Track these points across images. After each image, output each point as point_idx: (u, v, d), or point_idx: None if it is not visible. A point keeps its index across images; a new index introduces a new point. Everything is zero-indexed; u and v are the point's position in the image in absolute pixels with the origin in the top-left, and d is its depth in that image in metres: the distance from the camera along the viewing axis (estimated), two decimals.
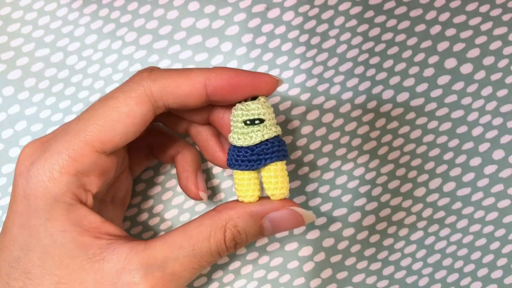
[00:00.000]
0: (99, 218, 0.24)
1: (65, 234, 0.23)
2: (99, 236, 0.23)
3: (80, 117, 0.24)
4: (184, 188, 0.29)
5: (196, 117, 0.27)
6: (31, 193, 0.23)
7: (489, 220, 0.32)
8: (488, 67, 0.32)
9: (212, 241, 0.23)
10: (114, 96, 0.23)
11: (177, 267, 0.23)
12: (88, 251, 0.23)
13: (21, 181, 0.23)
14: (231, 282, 0.32)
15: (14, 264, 0.23)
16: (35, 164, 0.23)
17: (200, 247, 0.23)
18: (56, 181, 0.22)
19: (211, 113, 0.26)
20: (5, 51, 0.32)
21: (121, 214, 0.30)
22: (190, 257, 0.23)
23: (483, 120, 0.32)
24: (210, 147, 0.28)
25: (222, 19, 0.33)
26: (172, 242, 0.23)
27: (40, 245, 0.22)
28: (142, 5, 0.33)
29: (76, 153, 0.23)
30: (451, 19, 0.32)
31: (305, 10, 0.32)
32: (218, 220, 0.24)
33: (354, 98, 0.32)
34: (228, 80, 0.24)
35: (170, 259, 0.23)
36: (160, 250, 0.23)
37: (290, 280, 0.32)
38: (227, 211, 0.24)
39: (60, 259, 0.22)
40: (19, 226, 0.23)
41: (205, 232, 0.24)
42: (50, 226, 0.22)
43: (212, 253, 0.24)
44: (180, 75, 0.24)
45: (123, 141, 0.24)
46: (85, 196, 0.24)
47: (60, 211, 0.23)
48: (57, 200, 0.23)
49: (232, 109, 0.24)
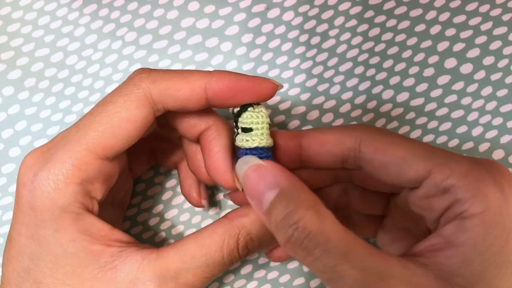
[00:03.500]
0: (107, 226, 0.23)
1: (75, 244, 0.22)
2: (110, 243, 0.23)
3: (79, 124, 0.23)
4: (186, 195, 0.29)
5: (188, 134, 0.26)
6: (37, 205, 0.22)
7: None
8: (488, 67, 0.32)
9: (225, 250, 0.23)
10: (113, 101, 0.23)
11: (190, 278, 0.23)
12: (99, 260, 0.22)
13: (25, 192, 0.23)
14: (231, 282, 0.32)
15: (24, 274, 0.22)
16: (38, 175, 0.22)
17: (213, 256, 0.23)
18: (61, 191, 0.22)
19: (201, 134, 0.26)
20: (5, 51, 0.32)
21: (121, 215, 0.30)
22: (203, 267, 0.23)
23: (483, 120, 0.32)
24: (197, 160, 0.27)
25: (222, 19, 0.33)
26: (184, 252, 0.23)
27: (50, 255, 0.22)
28: (142, 5, 0.33)
29: (80, 161, 0.22)
30: (451, 19, 0.32)
31: (305, 10, 0.32)
32: (231, 229, 0.23)
33: (354, 98, 0.32)
34: (228, 85, 0.23)
35: (183, 270, 0.23)
36: (173, 260, 0.23)
37: (290, 280, 0.32)
38: (239, 219, 0.24)
39: (72, 268, 0.22)
40: (27, 237, 0.22)
41: (218, 241, 0.23)
42: (59, 237, 0.22)
43: (225, 263, 0.23)
44: (180, 78, 0.23)
45: (125, 145, 0.23)
46: (91, 204, 0.23)
47: (68, 221, 0.22)
48: (64, 210, 0.22)
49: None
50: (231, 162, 0.25)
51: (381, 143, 0.24)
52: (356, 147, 0.24)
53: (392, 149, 0.23)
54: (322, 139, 0.25)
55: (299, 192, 0.21)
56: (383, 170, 0.24)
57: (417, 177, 0.23)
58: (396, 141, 0.24)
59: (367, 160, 0.24)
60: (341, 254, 0.19)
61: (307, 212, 0.20)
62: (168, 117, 0.26)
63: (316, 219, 0.20)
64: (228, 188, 0.25)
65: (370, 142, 0.24)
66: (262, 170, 0.22)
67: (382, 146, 0.24)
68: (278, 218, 0.20)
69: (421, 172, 0.23)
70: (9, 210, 0.32)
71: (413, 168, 0.23)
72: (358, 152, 0.24)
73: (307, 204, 0.20)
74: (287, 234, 0.20)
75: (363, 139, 0.24)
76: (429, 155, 0.23)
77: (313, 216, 0.20)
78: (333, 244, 0.19)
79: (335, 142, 0.25)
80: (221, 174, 0.25)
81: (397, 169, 0.23)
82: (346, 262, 0.19)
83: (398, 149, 0.23)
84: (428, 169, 0.22)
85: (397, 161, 0.23)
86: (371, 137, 0.24)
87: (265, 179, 0.21)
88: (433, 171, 0.22)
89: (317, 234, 0.19)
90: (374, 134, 0.24)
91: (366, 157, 0.24)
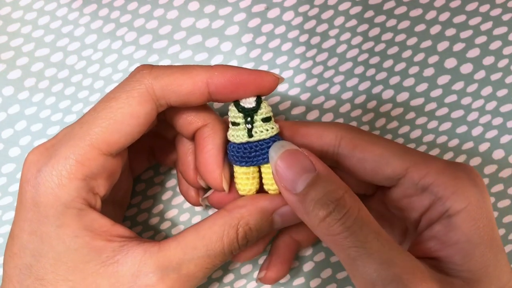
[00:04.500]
0: (109, 221, 0.24)
1: (78, 240, 0.22)
2: (111, 239, 0.23)
3: (83, 120, 0.24)
4: (184, 194, 0.29)
5: (185, 131, 0.26)
6: (40, 200, 0.22)
7: None
8: (488, 67, 0.32)
9: (225, 240, 0.24)
10: (116, 97, 0.23)
11: (191, 268, 0.23)
12: (101, 255, 0.23)
13: (29, 188, 0.23)
14: (231, 282, 0.32)
15: (26, 271, 0.22)
16: (42, 171, 0.23)
17: (213, 247, 0.23)
18: (65, 187, 0.22)
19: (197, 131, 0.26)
20: (5, 51, 0.32)
21: (121, 214, 0.30)
22: (204, 257, 0.23)
23: (483, 120, 0.32)
24: (187, 161, 0.27)
25: (222, 19, 0.33)
26: (185, 243, 0.23)
27: (52, 251, 0.22)
28: (142, 5, 0.33)
29: (83, 157, 0.23)
30: (451, 19, 0.32)
31: (305, 10, 0.32)
32: (230, 220, 0.24)
33: (354, 98, 0.32)
34: (230, 79, 0.24)
35: (185, 261, 0.23)
36: (175, 252, 0.23)
37: (290, 280, 0.32)
38: (238, 210, 0.24)
39: (74, 264, 0.22)
40: (29, 233, 0.23)
41: (218, 232, 0.24)
42: (62, 233, 0.22)
43: (225, 253, 0.24)
44: (182, 73, 0.24)
45: (129, 141, 0.24)
46: (94, 200, 0.24)
47: (71, 217, 0.22)
48: (67, 206, 0.22)
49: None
50: (222, 161, 0.25)
51: (360, 140, 0.25)
52: (335, 143, 0.25)
53: (370, 146, 0.25)
54: (304, 131, 0.26)
55: (334, 177, 0.22)
56: (361, 166, 0.25)
57: (394, 175, 0.24)
58: (374, 140, 0.25)
59: (345, 156, 0.25)
60: (374, 233, 0.21)
61: (346, 193, 0.22)
62: (166, 113, 0.26)
63: (353, 199, 0.22)
64: (214, 187, 0.26)
65: (349, 139, 0.25)
66: (299, 154, 0.23)
67: (360, 143, 0.25)
68: (317, 196, 0.21)
69: (398, 170, 0.24)
70: (9, 210, 0.32)
71: (391, 165, 0.24)
72: (337, 148, 0.25)
73: (344, 187, 0.22)
74: (328, 209, 0.21)
75: (343, 135, 0.25)
76: (406, 154, 0.24)
77: (351, 196, 0.22)
78: (367, 223, 0.21)
79: (315, 136, 0.26)
80: (210, 171, 0.25)
81: (375, 166, 0.24)
82: (378, 241, 0.21)
83: (376, 147, 0.25)
84: (405, 166, 0.24)
85: (375, 158, 0.24)
86: (351, 134, 0.25)
87: (301, 163, 0.22)
88: (410, 169, 0.24)
89: (355, 212, 0.21)
90: (353, 132, 0.25)
91: (345, 152, 0.25)
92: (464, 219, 0.22)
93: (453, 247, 0.23)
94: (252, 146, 0.25)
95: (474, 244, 0.22)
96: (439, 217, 0.23)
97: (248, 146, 0.25)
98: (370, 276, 0.20)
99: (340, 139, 0.25)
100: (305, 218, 0.22)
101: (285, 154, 0.23)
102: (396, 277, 0.20)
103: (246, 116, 0.24)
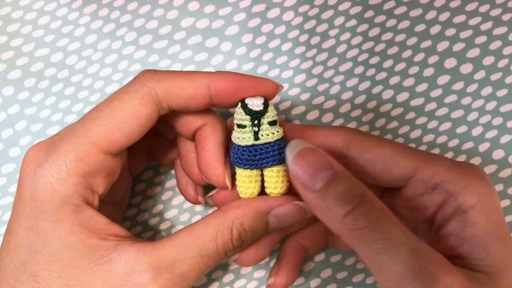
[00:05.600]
0: (105, 220, 0.24)
1: (73, 236, 0.22)
2: (106, 237, 0.23)
3: (85, 118, 0.24)
4: (183, 192, 0.29)
5: (185, 131, 0.26)
6: (38, 195, 0.22)
7: None
8: (488, 67, 0.32)
9: (219, 241, 0.24)
10: (119, 97, 0.23)
11: (185, 268, 0.23)
12: (96, 253, 0.23)
13: (27, 183, 0.23)
14: (231, 282, 0.32)
15: (21, 267, 0.23)
16: (41, 166, 0.23)
17: (207, 247, 0.23)
18: (64, 182, 0.22)
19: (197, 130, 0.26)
20: (5, 51, 0.32)
21: (120, 214, 0.30)
22: (198, 257, 0.23)
23: (483, 120, 0.32)
24: (190, 159, 0.27)
25: (222, 19, 0.33)
26: (179, 243, 0.23)
27: (47, 247, 0.22)
28: (142, 5, 0.33)
29: (83, 154, 0.23)
30: (451, 19, 0.32)
31: (305, 10, 0.32)
32: (225, 220, 0.24)
33: (354, 98, 0.32)
34: (231, 83, 0.24)
35: (178, 260, 0.23)
36: (168, 251, 0.23)
37: None
38: (233, 210, 0.24)
39: (68, 261, 0.22)
40: (26, 229, 0.23)
41: (212, 232, 0.24)
42: (57, 229, 0.22)
43: (219, 253, 0.24)
44: (184, 77, 0.24)
45: (129, 141, 0.24)
46: (92, 198, 0.24)
47: (68, 213, 0.22)
48: (65, 202, 0.22)
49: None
50: (224, 159, 0.26)
51: (368, 142, 0.25)
52: (344, 145, 0.25)
53: (379, 147, 0.25)
54: (311, 134, 0.26)
55: (352, 175, 0.22)
56: (371, 167, 0.25)
57: (404, 174, 0.24)
58: (382, 142, 0.25)
59: (354, 158, 0.25)
60: (398, 225, 0.21)
61: (367, 189, 0.22)
62: (166, 114, 0.26)
63: (373, 194, 0.22)
64: (217, 184, 0.26)
65: (358, 141, 0.25)
66: (316, 152, 0.23)
67: (369, 145, 0.25)
68: (340, 191, 0.21)
69: (408, 169, 0.24)
70: (9, 210, 0.32)
71: (400, 166, 0.24)
72: (346, 150, 0.25)
73: (362, 184, 0.22)
74: (352, 204, 0.21)
75: (351, 138, 0.25)
76: (414, 154, 0.25)
77: (370, 192, 0.22)
78: (391, 216, 0.21)
79: (323, 138, 0.26)
80: (212, 169, 0.25)
81: (384, 166, 0.25)
82: (403, 233, 0.21)
83: (385, 148, 0.25)
84: (415, 166, 0.24)
85: (384, 158, 0.25)
86: (359, 137, 0.26)
87: (319, 160, 0.22)
88: (419, 168, 0.24)
89: (379, 205, 0.21)
90: (360, 135, 0.26)
91: (354, 154, 0.25)
92: (478, 213, 0.23)
93: (472, 242, 0.23)
94: (257, 149, 0.25)
95: (491, 237, 0.22)
96: (453, 213, 0.23)
97: (253, 149, 0.25)
98: (398, 268, 0.20)
99: (349, 141, 0.25)
100: (325, 214, 0.22)
101: (303, 152, 0.23)
102: (424, 268, 0.20)
103: (253, 119, 0.24)
